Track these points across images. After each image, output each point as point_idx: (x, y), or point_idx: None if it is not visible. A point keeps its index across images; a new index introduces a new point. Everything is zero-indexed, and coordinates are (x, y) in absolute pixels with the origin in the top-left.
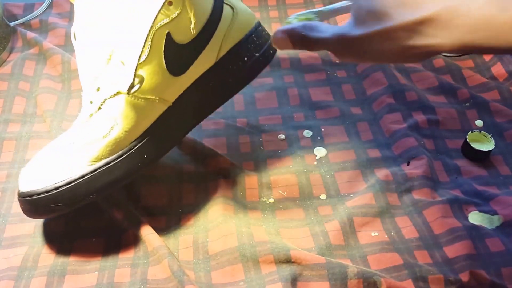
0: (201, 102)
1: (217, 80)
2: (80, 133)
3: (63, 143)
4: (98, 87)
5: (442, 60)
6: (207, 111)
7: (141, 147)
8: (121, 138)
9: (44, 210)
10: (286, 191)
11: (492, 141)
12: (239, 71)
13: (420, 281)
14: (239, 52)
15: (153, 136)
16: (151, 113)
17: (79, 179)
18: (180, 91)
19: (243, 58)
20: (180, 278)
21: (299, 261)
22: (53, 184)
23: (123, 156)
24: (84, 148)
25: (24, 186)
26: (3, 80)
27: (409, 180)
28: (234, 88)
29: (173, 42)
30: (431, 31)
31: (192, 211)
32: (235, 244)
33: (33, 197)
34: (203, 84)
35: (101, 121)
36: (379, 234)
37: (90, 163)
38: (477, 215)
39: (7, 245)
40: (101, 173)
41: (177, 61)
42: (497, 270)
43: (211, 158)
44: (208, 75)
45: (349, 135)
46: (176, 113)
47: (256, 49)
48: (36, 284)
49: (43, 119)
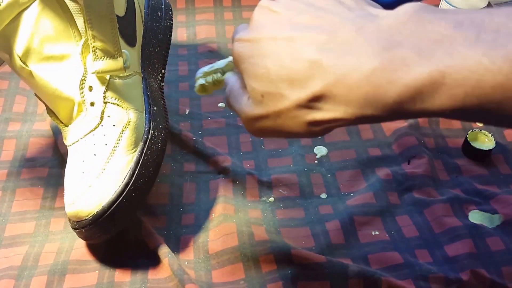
0: (155, 65)
1: (153, 41)
2: (106, 133)
3: (96, 150)
4: (90, 86)
5: None
6: (162, 70)
7: (154, 116)
8: (138, 116)
9: (124, 215)
10: (287, 190)
11: (492, 140)
12: (161, 26)
13: (420, 280)
14: (151, 10)
15: (152, 103)
16: (138, 87)
17: (138, 165)
18: (139, 60)
19: (157, 13)
20: (180, 277)
21: (300, 260)
22: (119, 185)
23: (151, 128)
24: (121, 142)
25: (90, 206)
26: (4, 79)
27: (409, 179)
28: (166, 42)
29: (118, 17)
30: (326, 106)
31: (192, 210)
32: (235, 243)
33: (111, 209)
34: (147, 49)
35: (116, 113)
36: (380, 233)
37: (131, 151)
38: (478, 214)
39: (8, 244)
40: (148, 152)
41: (126, 32)
42: (497, 269)
43: (212, 157)
44: (145, 40)
45: (350, 134)
46: (149, 80)
47: (159, 1)
48: (36, 283)
49: (43, 118)
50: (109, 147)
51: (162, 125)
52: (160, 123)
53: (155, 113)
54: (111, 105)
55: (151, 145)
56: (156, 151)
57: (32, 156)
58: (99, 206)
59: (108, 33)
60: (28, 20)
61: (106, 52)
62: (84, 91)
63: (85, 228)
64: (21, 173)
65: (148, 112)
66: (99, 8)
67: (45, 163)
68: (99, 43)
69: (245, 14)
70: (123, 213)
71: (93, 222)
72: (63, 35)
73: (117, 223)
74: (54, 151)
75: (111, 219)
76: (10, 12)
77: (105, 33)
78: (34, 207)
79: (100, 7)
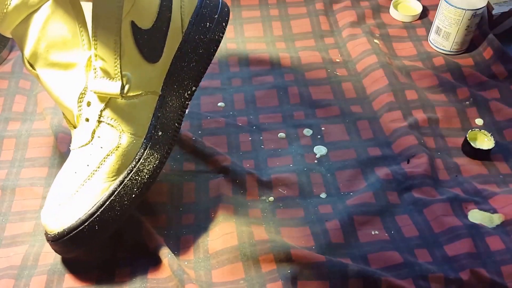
0: (184, 82)
1: (190, 55)
2: (92, 153)
3: (78, 167)
4: (88, 101)
5: (442, 59)
6: (193, 87)
7: (153, 143)
8: (132, 142)
9: (84, 241)
10: (286, 190)
11: (492, 139)
12: (206, 39)
13: (420, 279)
14: (199, 20)
15: (159, 127)
16: (148, 108)
17: (111, 197)
18: (162, 78)
19: (205, 24)
20: (180, 277)
21: (299, 259)
22: (85, 213)
23: (142, 158)
24: (102, 167)
25: (54, 225)
26: (4, 78)
27: (409, 179)
28: (207, 57)
29: (139, 29)
30: None
31: (192, 210)
32: (235, 242)
33: (70, 234)
34: (179, 63)
35: (107, 134)
36: (379, 233)
37: (110, 179)
38: (477, 213)
39: (8, 243)
40: (128, 183)
41: (149, 47)
42: (497, 269)
43: (211, 156)
44: (181, 54)
45: (350, 134)
46: (168, 99)
47: (213, 11)
48: (36, 282)
49: (43, 117)
50: (90, 169)
51: (160, 153)
52: (158, 151)
53: (156, 139)
54: (105, 125)
55: (135, 176)
56: (138, 184)
57: (31, 155)
58: (61, 228)
59: (111, 53)
60: (36, 23)
61: (105, 73)
62: (82, 105)
63: (49, 242)
64: (21, 172)
65: (148, 138)
66: (107, 23)
67: (44, 162)
68: (100, 61)
69: (245, 14)
70: (84, 240)
71: (55, 240)
72: (71, 42)
73: (78, 246)
74: (54, 150)
75: (72, 242)
76: (19, 13)
77: (107, 53)
78: (34, 207)
79: (107, 23)
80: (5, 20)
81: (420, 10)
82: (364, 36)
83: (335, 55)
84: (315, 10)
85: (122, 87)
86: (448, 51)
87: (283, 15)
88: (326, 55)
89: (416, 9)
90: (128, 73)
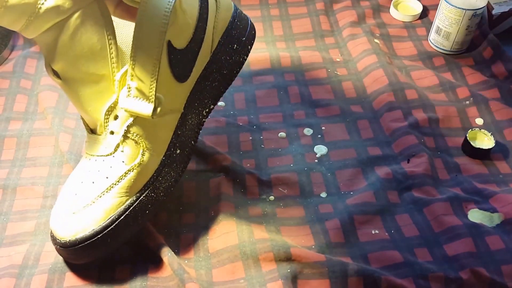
0: (204, 100)
1: (215, 75)
2: (113, 166)
3: (96, 178)
4: (116, 115)
5: (442, 58)
6: (212, 105)
7: (171, 161)
8: (152, 159)
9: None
10: (287, 189)
11: (492, 139)
12: (231, 60)
13: (420, 279)
14: (228, 41)
15: (178, 145)
16: (170, 125)
17: (126, 211)
18: (186, 96)
19: (233, 45)
20: (181, 276)
21: (299, 259)
22: (100, 225)
23: (159, 176)
24: (122, 181)
25: (65, 232)
26: (5, 78)
27: (409, 178)
28: (229, 78)
29: (175, 50)
30: None
31: (192, 209)
32: (235, 241)
33: (82, 244)
34: (203, 82)
35: (131, 150)
36: (380, 232)
37: (127, 194)
38: (477, 213)
39: (9, 243)
40: (144, 200)
41: (181, 67)
42: (497, 268)
43: (212, 156)
44: (206, 73)
45: (350, 133)
46: (189, 117)
47: (242, 33)
48: (37, 281)
49: (44, 116)
50: (109, 182)
51: (176, 172)
52: (175, 170)
53: (174, 157)
54: (130, 140)
55: (151, 193)
56: (153, 201)
57: (32, 155)
58: (73, 237)
59: (148, 75)
60: (65, 31)
61: (140, 93)
62: (109, 118)
63: (56, 247)
64: (22, 172)
65: (167, 156)
66: (148, 46)
67: (45, 162)
68: (136, 82)
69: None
70: (94, 250)
71: (64, 247)
72: (99, 54)
73: (87, 256)
74: (55, 150)
75: (83, 251)
76: (48, 19)
77: (145, 74)
78: (35, 206)
79: (149, 45)
80: (33, 24)
81: (420, 10)
82: (365, 36)
83: (336, 55)
84: (316, 10)
85: (155, 109)
86: (448, 51)
87: (283, 15)
88: (327, 55)
89: (416, 9)
90: (161, 95)
